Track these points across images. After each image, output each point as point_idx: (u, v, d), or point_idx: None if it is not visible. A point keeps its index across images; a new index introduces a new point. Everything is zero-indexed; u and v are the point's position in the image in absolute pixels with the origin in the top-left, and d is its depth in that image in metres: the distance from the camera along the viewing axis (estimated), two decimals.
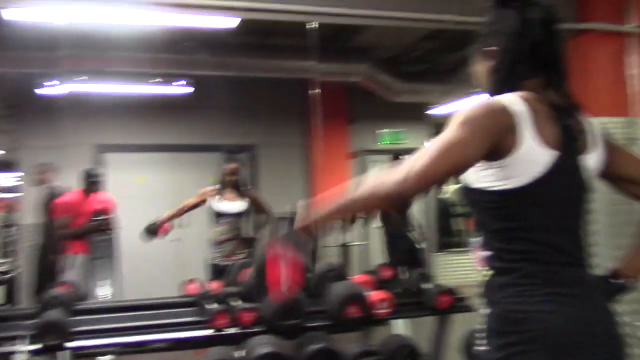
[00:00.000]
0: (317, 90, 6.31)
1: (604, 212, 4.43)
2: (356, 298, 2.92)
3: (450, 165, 1.34)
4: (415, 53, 7.58)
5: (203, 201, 4.95)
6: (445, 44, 7.01)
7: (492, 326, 1.41)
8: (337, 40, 6.93)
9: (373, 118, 8.97)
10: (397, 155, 7.84)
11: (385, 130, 9.09)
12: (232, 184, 4.92)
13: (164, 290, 4.20)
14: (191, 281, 3.56)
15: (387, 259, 6.39)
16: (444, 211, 9.29)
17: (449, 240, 9.38)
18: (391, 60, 7.51)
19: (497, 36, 1.53)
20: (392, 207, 1.36)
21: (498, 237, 1.43)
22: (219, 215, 4.89)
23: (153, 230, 4.88)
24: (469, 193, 1.48)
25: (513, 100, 1.39)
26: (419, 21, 4.28)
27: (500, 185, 1.39)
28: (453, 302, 3.17)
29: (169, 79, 7.10)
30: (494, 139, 1.36)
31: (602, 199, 4.47)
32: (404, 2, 4.20)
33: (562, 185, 1.41)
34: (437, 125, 9.17)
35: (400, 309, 3.15)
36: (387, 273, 3.59)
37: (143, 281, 6.98)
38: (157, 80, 7.06)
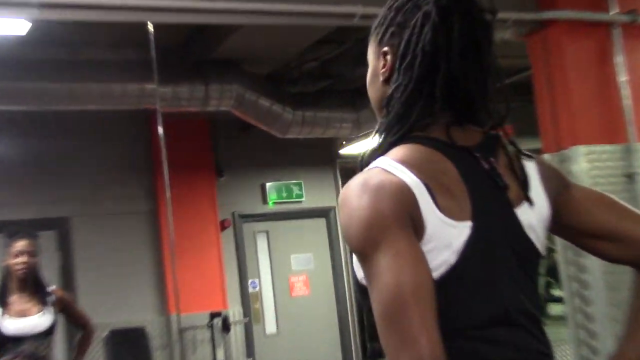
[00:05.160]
0: (161, 129, 6.11)
1: (599, 287, 4.55)
2: None
3: (429, 308, 1.39)
4: (307, 66, 7.66)
5: None
6: (349, 51, 7.12)
7: None
8: (189, 53, 6.88)
9: (254, 166, 9.01)
10: None
11: (272, 183, 9.12)
12: (24, 279, 4.68)
13: None
14: None
15: None
16: None
17: None
18: (273, 77, 7.54)
19: (398, 35, 1.61)
20: None
21: None
22: (8, 340, 4.61)
23: None
24: (364, 291, 1.52)
25: (399, 169, 1.49)
26: (304, 16, 4.29)
27: None
28: None
29: None
30: (412, 224, 1.45)
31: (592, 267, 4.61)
32: None
33: (489, 260, 1.52)
34: (350, 172, 9.30)
35: None
36: None
37: None
38: None
